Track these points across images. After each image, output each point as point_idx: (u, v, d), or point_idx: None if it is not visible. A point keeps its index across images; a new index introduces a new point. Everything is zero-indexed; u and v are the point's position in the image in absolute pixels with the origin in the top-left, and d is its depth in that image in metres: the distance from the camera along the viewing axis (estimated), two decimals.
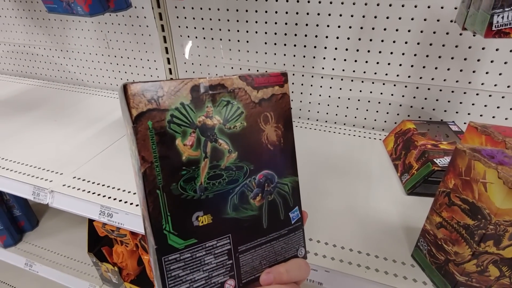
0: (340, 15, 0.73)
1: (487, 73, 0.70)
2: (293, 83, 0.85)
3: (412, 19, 0.69)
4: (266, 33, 0.80)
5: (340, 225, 0.53)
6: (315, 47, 0.78)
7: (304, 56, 0.80)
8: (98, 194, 0.58)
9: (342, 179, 0.64)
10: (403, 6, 0.68)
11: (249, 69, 0.87)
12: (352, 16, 0.72)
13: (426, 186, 0.58)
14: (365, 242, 0.50)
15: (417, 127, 0.69)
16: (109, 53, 1.01)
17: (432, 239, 0.42)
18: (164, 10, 0.86)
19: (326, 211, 0.56)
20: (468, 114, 0.75)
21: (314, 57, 0.79)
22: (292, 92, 0.87)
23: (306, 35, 0.77)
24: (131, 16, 0.91)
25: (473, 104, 0.74)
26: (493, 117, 0.74)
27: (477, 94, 0.73)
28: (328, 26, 0.75)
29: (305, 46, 0.79)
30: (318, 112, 0.87)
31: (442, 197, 0.40)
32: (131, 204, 0.56)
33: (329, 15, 0.73)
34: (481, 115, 0.74)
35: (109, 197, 0.58)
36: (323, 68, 0.80)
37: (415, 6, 0.67)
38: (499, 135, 0.40)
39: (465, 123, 0.76)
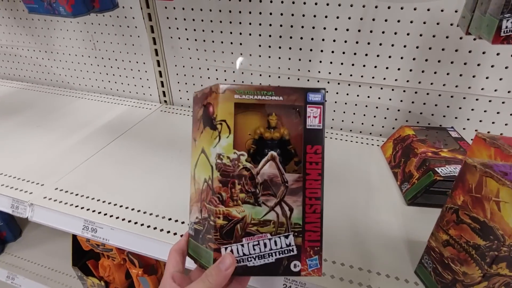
0: (337, 17, 0.70)
1: (487, 78, 0.68)
2: None
3: (411, 22, 0.66)
4: (260, 35, 0.77)
5: (339, 240, 0.50)
6: (311, 50, 0.75)
7: (299, 59, 0.77)
8: (82, 208, 0.54)
9: (340, 189, 0.61)
10: (402, 8, 0.65)
11: (242, 73, 0.84)
12: (349, 18, 0.69)
13: (427, 196, 0.56)
14: (365, 258, 0.47)
15: (416, 133, 0.67)
16: (96, 55, 0.97)
17: (437, 257, 0.40)
18: (154, 10, 0.82)
19: (324, 224, 0.53)
20: (468, 119, 0.73)
21: (310, 61, 0.77)
22: None
23: (301, 38, 0.75)
24: (118, 17, 0.87)
25: (472, 110, 0.72)
26: (493, 122, 0.72)
27: (476, 99, 0.71)
28: (324, 28, 0.72)
29: (300, 49, 0.76)
30: None
31: (450, 213, 0.38)
32: (117, 218, 0.53)
33: (326, 17, 0.71)
34: (480, 121, 0.73)
35: (93, 211, 0.54)
36: (319, 71, 0.77)
37: (415, 9, 0.65)
38: (510, 148, 0.38)
39: (464, 128, 0.75)
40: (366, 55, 0.72)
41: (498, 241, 0.32)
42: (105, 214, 0.53)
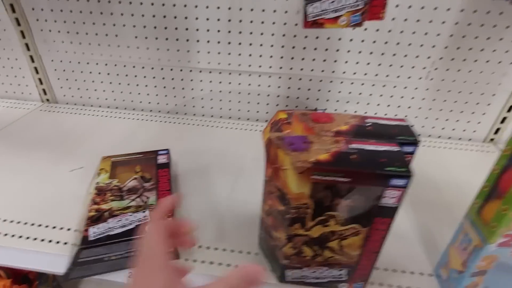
0: (207, 7, 0.71)
1: (346, 62, 0.75)
2: (172, 79, 0.82)
3: (274, 11, 0.70)
4: (134, 26, 0.75)
5: (202, 226, 0.52)
6: (187, 40, 0.76)
7: (178, 50, 0.77)
8: None
9: (213, 177, 0.63)
10: None
11: (124, 66, 0.81)
12: (218, 8, 0.71)
13: None
14: (220, 238, 0.49)
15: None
16: None
17: (265, 226, 0.43)
18: (16, 1, 0.75)
19: (192, 215, 0.54)
20: (337, 101, 0.80)
21: (188, 51, 0.77)
22: (174, 88, 0.83)
23: (176, 28, 0.74)
24: None
25: (339, 92, 0.79)
26: (357, 103, 0.80)
27: (341, 82, 0.78)
28: (197, 18, 0.73)
29: (177, 39, 0.76)
30: (202, 107, 0.85)
31: (267, 185, 0.41)
32: None
33: (196, 7, 0.71)
34: (347, 102, 0.80)
35: None
36: (198, 62, 0.78)
37: None
38: (311, 122, 0.42)
39: (336, 110, 0.82)
40: (240, 44, 0.75)
41: (289, 204, 0.36)
42: None
